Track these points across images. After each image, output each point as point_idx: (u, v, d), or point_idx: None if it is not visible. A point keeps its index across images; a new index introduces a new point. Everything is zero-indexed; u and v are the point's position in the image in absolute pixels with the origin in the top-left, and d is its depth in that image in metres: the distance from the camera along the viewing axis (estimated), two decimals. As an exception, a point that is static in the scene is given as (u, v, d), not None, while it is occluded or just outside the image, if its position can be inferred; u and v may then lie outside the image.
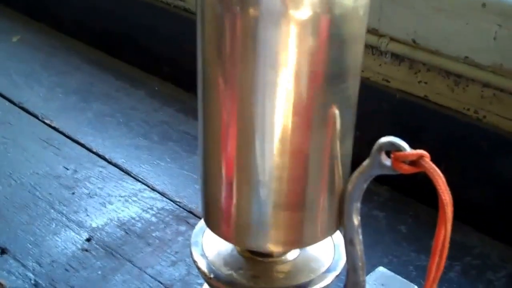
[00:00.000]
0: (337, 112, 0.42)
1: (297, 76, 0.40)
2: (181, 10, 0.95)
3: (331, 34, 0.40)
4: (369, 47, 0.74)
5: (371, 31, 0.73)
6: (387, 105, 0.75)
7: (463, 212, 0.70)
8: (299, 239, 0.46)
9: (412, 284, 0.54)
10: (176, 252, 0.66)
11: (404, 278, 0.55)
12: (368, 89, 0.74)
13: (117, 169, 0.79)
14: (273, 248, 0.47)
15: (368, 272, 0.53)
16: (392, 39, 0.72)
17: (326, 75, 0.41)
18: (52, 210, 0.72)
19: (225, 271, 0.49)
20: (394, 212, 0.73)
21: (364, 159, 0.44)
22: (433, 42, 0.69)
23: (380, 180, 0.55)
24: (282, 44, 0.39)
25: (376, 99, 0.75)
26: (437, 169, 0.41)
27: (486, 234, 0.70)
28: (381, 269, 0.57)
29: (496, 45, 0.64)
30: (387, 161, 0.42)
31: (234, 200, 0.45)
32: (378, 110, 0.76)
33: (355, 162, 0.50)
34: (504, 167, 0.68)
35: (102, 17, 1.08)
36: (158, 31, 1.00)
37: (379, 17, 0.72)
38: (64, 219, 0.71)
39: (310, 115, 0.42)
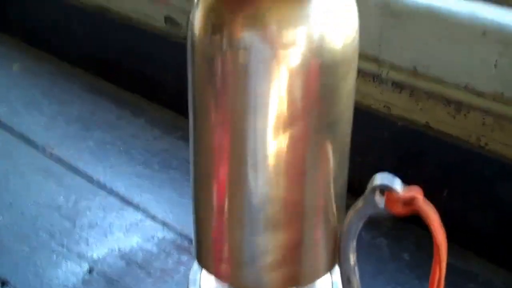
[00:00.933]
0: (330, 153, 0.43)
1: (289, 120, 0.40)
2: (181, 39, 0.95)
3: (321, 78, 0.40)
4: (369, 74, 0.74)
5: (371, 58, 0.73)
6: (388, 132, 0.75)
7: (466, 239, 0.70)
8: (295, 277, 0.46)
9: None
10: (178, 283, 0.66)
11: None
12: (369, 116, 0.74)
13: (118, 198, 0.79)
14: (269, 287, 0.47)
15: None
16: (392, 67, 0.72)
17: (317, 119, 0.41)
18: (53, 241, 0.71)
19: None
20: (397, 239, 0.73)
21: (364, 185, 0.44)
22: (433, 70, 0.69)
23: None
24: (272, 89, 0.39)
25: (377, 126, 0.75)
26: (431, 209, 0.41)
27: (489, 260, 0.70)
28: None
29: (497, 73, 0.64)
30: (381, 202, 0.42)
31: (227, 237, 0.45)
32: (379, 137, 0.75)
33: (357, 189, 0.50)
34: (506, 193, 0.68)
35: (102, 45, 1.09)
36: (159, 59, 1.00)
37: (380, 44, 0.72)
38: (65, 250, 0.70)
39: (302, 158, 0.42)
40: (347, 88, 0.42)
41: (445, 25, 0.66)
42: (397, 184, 0.41)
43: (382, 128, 0.75)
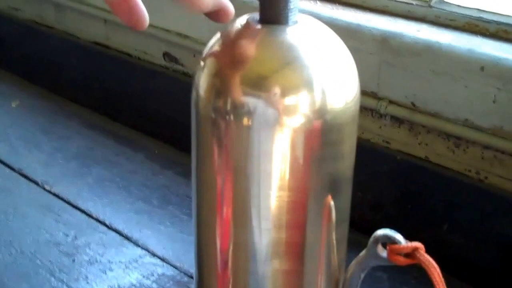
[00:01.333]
0: (331, 202, 0.43)
1: (291, 179, 0.41)
2: (180, 74, 0.96)
3: (323, 138, 0.41)
4: (368, 109, 0.74)
5: (370, 94, 0.74)
6: (388, 167, 0.75)
7: (465, 273, 0.70)
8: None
9: None
10: (178, 320, 0.66)
11: None
12: (368, 151, 0.75)
13: (118, 235, 0.79)
14: None
15: None
16: (391, 102, 0.72)
17: (320, 177, 0.42)
18: (53, 278, 0.71)
19: None
20: (397, 273, 0.73)
21: (365, 219, 0.45)
22: (432, 105, 0.69)
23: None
24: (276, 150, 0.40)
25: (377, 160, 0.75)
26: (432, 261, 0.43)
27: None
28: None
29: (496, 107, 0.64)
30: (383, 253, 0.44)
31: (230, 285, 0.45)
32: (379, 171, 0.76)
33: (357, 224, 0.50)
34: (506, 227, 0.68)
35: (101, 81, 1.09)
36: (157, 95, 1.00)
37: (378, 80, 0.72)
38: (64, 287, 0.70)
39: (304, 215, 0.42)
40: (349, 142, 0.43)
41: (444, 60, 0.67)
42: (399, 237, 0.43)
43: (382, 162, 0.75)
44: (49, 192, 0.87)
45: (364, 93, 0.72)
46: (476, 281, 0.70)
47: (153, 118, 1.02)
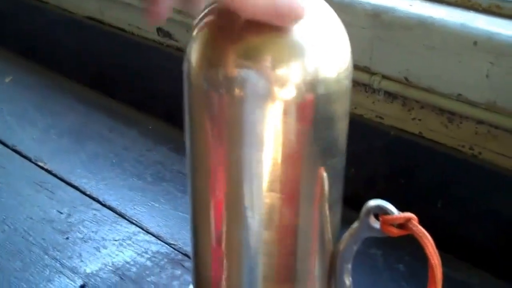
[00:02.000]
0: (326, 184, 0.43)
1: (284, 154, 0.41)
2: (174, 49, 0.95)
3: (316, 110, 0.40)
4: (361, 85, 0.74)
5: (363, 69, 0.73)
6: (381, 143, 0.75)
7: (460, 249, 0.70)
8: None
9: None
10: (172, 297, 0.66)
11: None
12: (362, 127, 0.74)
13: (111, 212, 0.79)
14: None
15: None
16: (384, 77, 0.72)
17: (312, 152, 0.41)
18: (46, 256, 0.71)
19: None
20: (391, 249, 0.73)
21: (359, 196, 0.44)
22: (425, 80, 0.69)
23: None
24: (268, 124, 0.40)
25: (370, 136, 0.75)
26: (425, 232, 0.42)
27: (485, 271, 0.70)
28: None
29: (489, 82, 0.64)
30: (376, 224, 0.43)
31: (225, 266, 0.45)
32: (372, 147, 0.75)
33: (351, 200, 0.50)
34: (500, 202, 0.68)
35: (95, 57, 1.08)
36: (151, 70, 1.00)
37: (371, 55, 0.72)
38: (58, 265, 0.70)
39: (298, 187, 0.42)
40: (342, 114, 0.42)
41: (437, 35, 0.66)
42: (391, 207, 0.42)
43: (375, 138, 0.75)
44: (42, 168, 0.87)
45: (357, 68, 0.72)
46: (470, 257, 0.70)
47: (147, 93, 1.01)
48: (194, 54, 0.41)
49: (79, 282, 0.68)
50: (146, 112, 1.01)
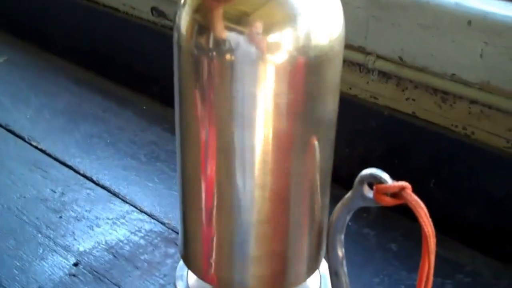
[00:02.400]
0: (316, 147, 0.43)
1: (275, 117, 0.40)
2: (168, 29, 0.95)
3: (307, 76, 0.40)
4: (356, 65, 0.74)
5: (357, 49, 0.73)
6: (375, 122, 0.75)
7: (453, 228, 0.70)
8: (282, 277, 0.46)
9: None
10: (165, 275, 0.66)
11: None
12: (356, 107, 0.74)
13: (105, 191, 0.79)
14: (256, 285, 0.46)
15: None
16: (379, 56, 0.72)
17: (304, 115, 0.41)
18: (39, 235, 0.71)
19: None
20: (384, 230, 0.73)
21: (353, 175, 0.44)
22: (419, 59, 0.68)
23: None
24: (259, 88, 0.39)
25: (364, 116, 0.75)
26: (419, 201, 0.41)
27: (477, 250, 0.70)
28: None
29: (483, 62, 0.64)
30: (369, 194, 0.43)
31: (215, 236, 0.45)
32: (367, 127, 0.75)
33: (344, 180, 0.50)
34: (493, 182, 0.68)
35: (89, 37, 1.08)
36: (146, 50, 0.99)
37: (366, 35, 0.72)
38: (51, 243, 0.70)
39: (289, 153, 0.42)
40: (333, 83, 0.42)
41: (431, 15, 0.66)
42: (385, 176, 0.42)
43: (369, 118, 0.75)
44: (36, 148, 0.87)
45: (351, 47, 0.72)
46: (463, 236, 0.70)
47: (141, 74, 1.01)
48: (183, 19, 0.40)
49: (72, 260, 0.68)
50: (140, 93, 1.00)
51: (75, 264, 0.67)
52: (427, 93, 0.70)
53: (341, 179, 0.51)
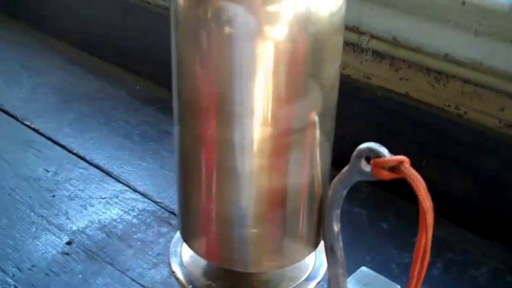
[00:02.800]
0: (316, 118, 0.42)
1: (274, 90, 0.40)
2: (162, 9, 0.94)
3: (307, 50, 0.39)
4: (350, 44, 0.73)
5: (351, 28, 0.73)
6: (368, 102, 0.75)
7: (444, 208, 0.70)
8: (280, 254, 0.46)
9: (395, 284, 0.54)
10: (158, 254, 0.66)
11: (387, 276, 0.55)
12: (349, 87, 0.74)
13: (98, 170, 0.79)
14: (255, 269, 0.46)
15: (350, 272, 0.53)
16: (372, 36, 0.72)
17: (304, 89, 0.40)
18: (32, 214, 0.71)
19: (204, 281, 0.48)
20: (375, 209, 0.73)
21: (346, 156, 0.44)
22: (413, 39, 0.68)
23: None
24: (258, 61, 0.39)
25: (358, 96, 0.75)
26: (417, 175, 0.40)
27: (467, 229, 0.70)
28: (363, 269, 0.57)
29: (476, 42, 0.64)
30: (367, 168, 0.42)
31: (214, 214, 0.45)
32: (360, 106, 0.75)
33: (337, 160, 0.49)
34: (484, 162, 0.68)
35: (83, 17, 1.07)
36: (140, 31, 0.99)
37: (360, 15, 0.71)
38: (44, 222, 0.70)
39: (289, 127, 0.41)
40: (333, 58, 0.41)
41: (425, -6, 0.66)
42: (383, 150, 0.41)
43: (362, 98, 0.75)
44: (29, 127, 0.87)
45: (345, 28, 0.72)
46: (454, 216, 0.71)
47: (135, 54, 1.01)
48: None
49: (65, 239, 0.68)
50: (134, 73, 1.00)
51: (68, 243, 0.67)
52: (421, 73, 0.70)
53: (334, 160, 0.51)
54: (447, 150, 0.70)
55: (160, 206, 0.73)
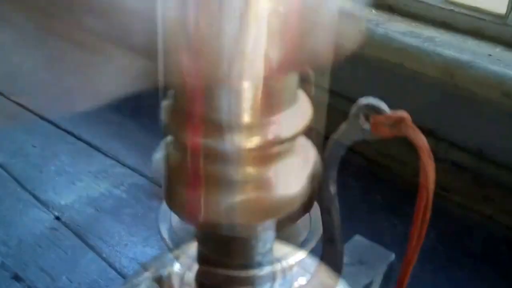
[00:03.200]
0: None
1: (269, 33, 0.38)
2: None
3: None
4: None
5: None
6: (364, 70, 0.74)
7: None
8: (271, 210, 0.45)
9: (390, 252, 0.53)
10: (148, 228, 0.65)
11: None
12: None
13: (86, 145, 0.77)
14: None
15: (344, 242, 0.52)
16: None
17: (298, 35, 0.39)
18: (20, 189, 0.70)
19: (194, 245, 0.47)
20: (369, 181, 0.73)
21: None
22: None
23: (354, 149, 0.54)
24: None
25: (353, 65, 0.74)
26: (419, 131, 0.38)
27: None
28: (358, 237, 0.56)
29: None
30: (366, 125, 0.40)
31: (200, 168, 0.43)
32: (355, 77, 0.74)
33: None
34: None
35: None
36: (128, 4, 0.97)
37: None
38: (32, 198, 0.69)
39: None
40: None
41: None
42: (383, 106, 0.39)
43: (357, 66, 0.74)
44: (16, 102, 0.85)
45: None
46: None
47: (125, 27, 0.99)
48: None
49: (54, 214, 0.67)
50: (123, 47, 0.98)
51: (57, 218, 0.66)
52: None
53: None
54: (441, 119, 0.69)
55: (149, 180, 0.72)
